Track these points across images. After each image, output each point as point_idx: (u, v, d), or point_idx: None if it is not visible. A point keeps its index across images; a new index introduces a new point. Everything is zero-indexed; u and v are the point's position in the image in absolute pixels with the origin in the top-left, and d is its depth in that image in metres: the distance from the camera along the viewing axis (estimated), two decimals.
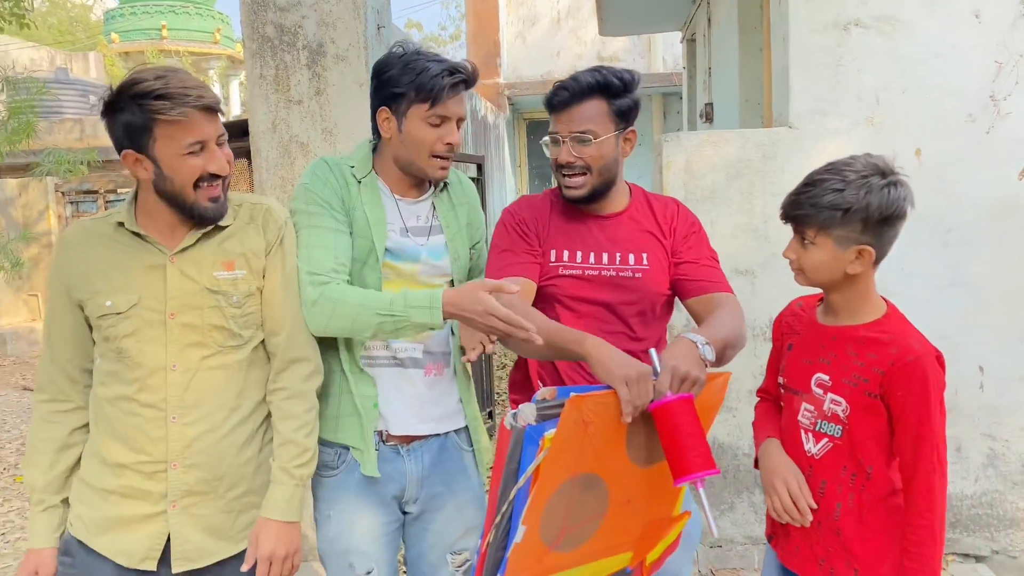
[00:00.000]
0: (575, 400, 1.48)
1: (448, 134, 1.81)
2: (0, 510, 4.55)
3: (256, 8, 3.16)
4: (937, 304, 3.14)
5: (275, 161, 3.22)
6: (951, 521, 3.22)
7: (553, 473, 1.51)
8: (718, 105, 5.96)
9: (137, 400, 1.62)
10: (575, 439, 1.52)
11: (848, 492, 1.62)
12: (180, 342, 1.63)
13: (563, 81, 1.84)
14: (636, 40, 12.41)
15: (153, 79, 1.53)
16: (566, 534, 1.59)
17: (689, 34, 7.34)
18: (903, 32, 3.06)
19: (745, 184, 3.16)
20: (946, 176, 3.10)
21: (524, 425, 1.52)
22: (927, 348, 1.56)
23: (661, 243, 1.93)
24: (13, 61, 15.07)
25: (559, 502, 1.55)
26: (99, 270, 1.63)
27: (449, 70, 1.76)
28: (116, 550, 1.61)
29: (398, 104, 1.79)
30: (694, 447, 1.52)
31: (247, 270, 1.69)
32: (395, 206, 1.87)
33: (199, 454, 1.63)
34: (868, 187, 1.54)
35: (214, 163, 1.60)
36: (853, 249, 1.56)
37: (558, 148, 1.84)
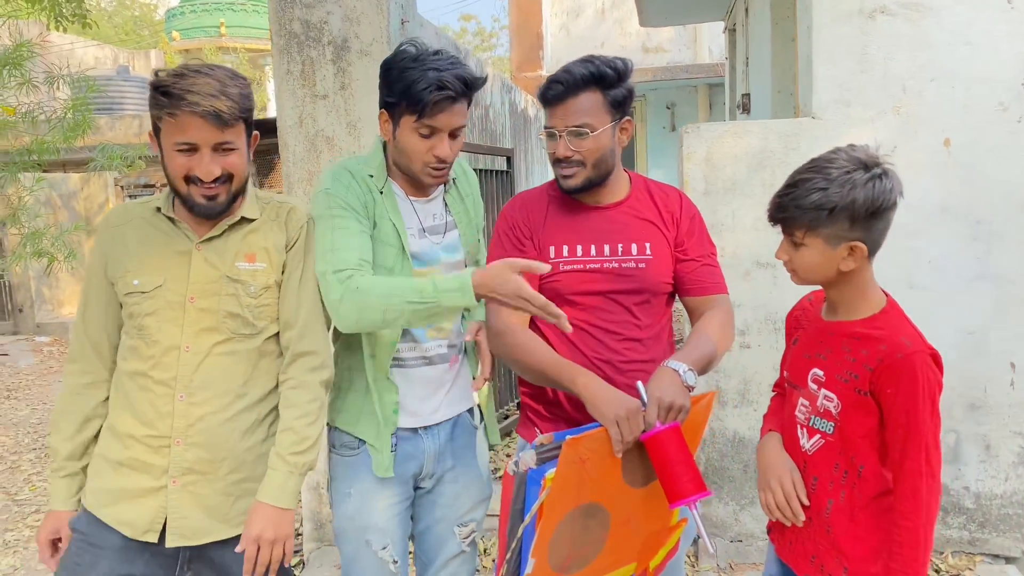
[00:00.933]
0: (571, 442, 1.59)
1: (438, 146, 1.78)
2: None
3: (283, 5, 3.24)
4: (966, 298, 3.06)
5: (302, 155, 3.30)
6: (980, 521, 3.14)
7: (556, 508, 1.61)
8: (755, 96, 5.87)
9: (151, 376, 1.71)
10: (574, 476, 1.61)
11: (839, 490, 1.60)
12: (196, 325, 1.71)
13: (556, 74, 1.83)
14: (682, 31, 12.25)
15: (171, 76, 1.61)
16: (572, 558, 1.68)
17: (730, 24, 7.24)
18: (931, 19, 2.98)
19: (768, 176, 3.13)
20: (976, 167, 3.02)
21: (526, 470, 1.64)
22: (919, 346, 1.53)
23: (663, 232, 1.93)
24: (79, 59, 15.65)
25: (564, 532, 1.64)
26: (132, 250, 1.74)
27: (438, 84, 1.72)
28: (121, 521, 1.70)
29: (392, 111, 1.80)
30: (685, 472, 1.62)
31: (267, 263, 1.76)
32: (411, 208, 1.89)
33: (201, 433, 1.70)
34: (852, 183, 1.50)
35: (200, 168, 1.65)
36: (844, 246, 1.54)
37: (555, 142, 1.84)
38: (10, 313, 10.27)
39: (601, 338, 1.86)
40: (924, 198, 3.05)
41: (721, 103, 11.16)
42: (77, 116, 5.56)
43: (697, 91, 12.65)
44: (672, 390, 1.64)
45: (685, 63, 12.21)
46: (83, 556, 1.71)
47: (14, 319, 10.17)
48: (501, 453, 4.54)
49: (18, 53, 4.83)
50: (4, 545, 3.96)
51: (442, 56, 1.77)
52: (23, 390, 7.20)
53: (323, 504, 3.44)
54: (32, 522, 4.23)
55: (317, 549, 3.45)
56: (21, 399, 6.88)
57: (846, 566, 1.60)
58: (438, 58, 1.76)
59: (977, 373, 3.09)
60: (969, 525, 3.16)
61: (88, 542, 1.72)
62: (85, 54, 17.00)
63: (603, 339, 1.86)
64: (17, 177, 5.64)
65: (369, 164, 1.89)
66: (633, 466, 1.70)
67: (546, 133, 1.87)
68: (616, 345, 1.86)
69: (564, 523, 1.63)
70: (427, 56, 1.76)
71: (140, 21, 27.52)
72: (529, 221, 1.93)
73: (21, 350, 8.87)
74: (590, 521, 1.68)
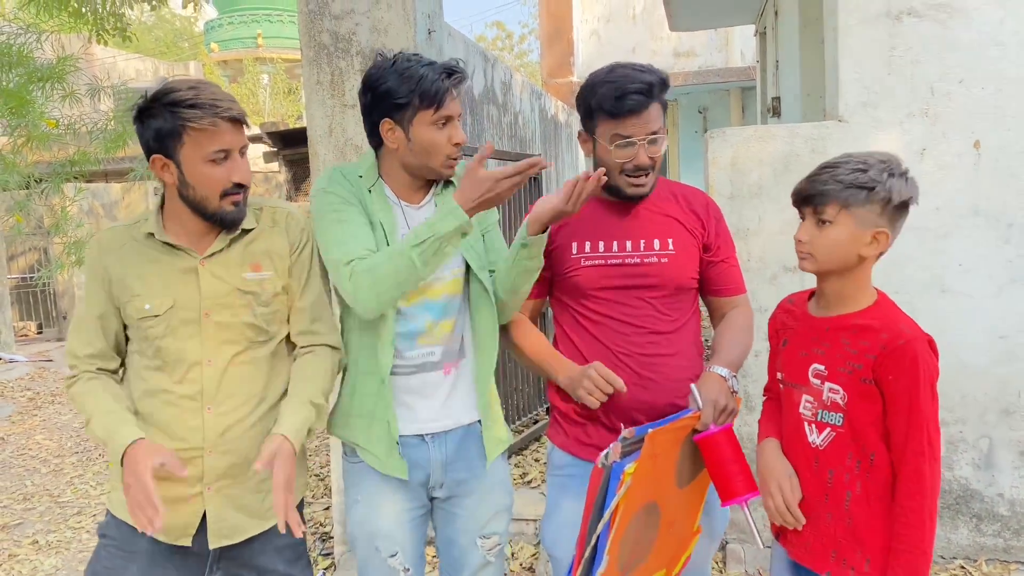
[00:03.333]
0: (653, 435, 1.65)
1: (455, 134, 1.83)
2: (93, 492, 4.90)
3: (313, 17, 3.31)
4: (999, 302, 3.01)
5: (332, 163, 3.37)
6: (1015, 528, 3.09)
7: (631, 504, 1.65)
8: (785, 99, 5.83)
9: (176, 392, 1.73)
10: (647, 473, 1.66)
11: (855, 480, 1.62)
12: (214, 339, 1.74)
13: (629, 85, 1.82)
14: (713, 35, 12.18)
15: (187, 89, 1.64)
16: (632, 558, 1.71)
17: (761, 27, 7.19)
18: (960, 20, 2.95)
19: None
20: (1007, 169, 2.97)
21: (612, 463, 1.66)
22: (917, 333, 1.58)
23: (688, 229, 1.97)
24: (121, 72, 16.05)
25: (632, 530, 1.67)
26: (135, 275, 1.73)
27: (446, 71, 1.79)
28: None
29: (402, 114, 1.80)
30: (739, 472, 1.70)
31: (273, 271, 1.79)
32: (401, 213, 1.90)
33: (231, 441, 1.74)
34: (890, 171, 1.58)
35: (238, 172, 1.69)
36: (871, 231, 1.58)
37: (632, 150, 1.86)
38: (55, 320, 10.55)
39: (624, 332, 1.91)
40: (954, 201, 3.01)
41: (754, 107, 11.08)
42: (118, 127, 5.72)
43: (729, 95, 12.58)
44: (724, 394, 1.78)
45: (717, 67, 12.14)
46: (114, 561, 1.75)
47: (58, 326, 10.45)
48: (529, 457, 4.56)
49: (61, 67, 4.98)
50: (47, 546, 4.08)
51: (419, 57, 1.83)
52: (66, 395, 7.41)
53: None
54: (73, 523, 4.36)
55: (348, 551, 3.50)
56: (65, 404, 7.07)
57: (868, 557, 1.60)
58: (418, 56, 1.83)
59: (1011, 378, 3.04)
60: (1004, 532, 3.10)
61: (118, 547, 1.75)
62: (127, 67, 17.44)
63: (626, 333, 1.91)
64: (61, 187, 5.81)
65: (359, 167, 1.92)
66: (682, 465, 1.77)
67: (619, 144, 1.86)
68: (639, 339, 1.91)
69: (633, 521, 1.66)
70: (408, 57, 1.82)
71: (180, 34, 28.13)
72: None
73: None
74: (649, 520, 1.72)
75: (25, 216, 6.45)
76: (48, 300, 10.57)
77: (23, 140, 5.21)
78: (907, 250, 3.03)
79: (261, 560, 1.81)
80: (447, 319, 1.90)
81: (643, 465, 1.62)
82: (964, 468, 3.11)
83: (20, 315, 10.70)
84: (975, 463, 3.10)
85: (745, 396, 3.23)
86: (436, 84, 1.77)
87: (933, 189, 3.02)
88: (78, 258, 5.83)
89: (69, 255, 5.77)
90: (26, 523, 4.41)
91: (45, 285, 9.92)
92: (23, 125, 5.14)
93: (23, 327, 10.55)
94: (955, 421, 3.09)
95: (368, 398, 1.87)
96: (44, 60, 5.14)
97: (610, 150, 1.88)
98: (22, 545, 4.10)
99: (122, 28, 6.46)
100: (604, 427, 1.93)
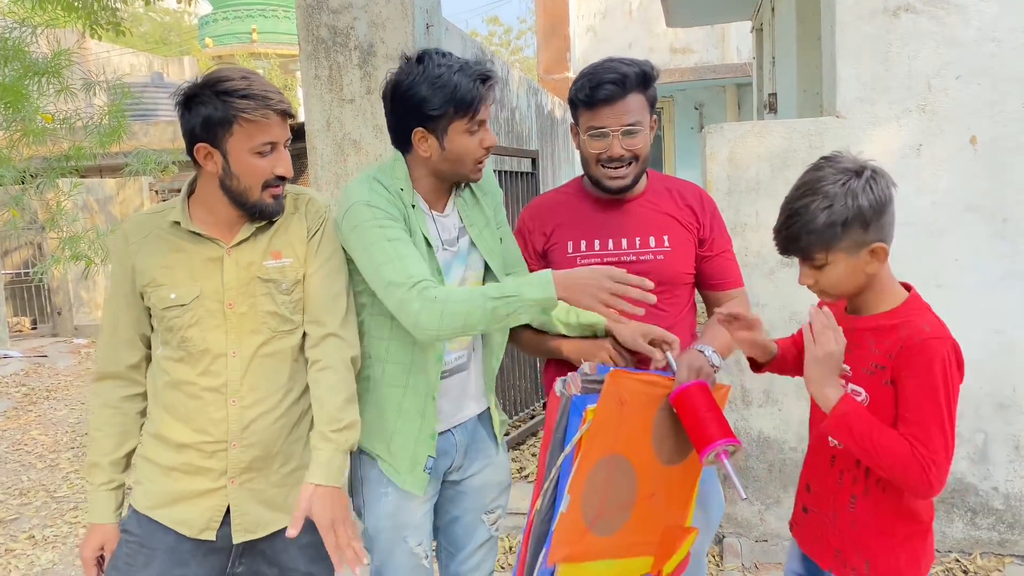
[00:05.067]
0: (614, 375, 1.64)
1: (486, 138, 1.79)
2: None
3: (311, 11, 3.31)
4: (994, 297, 3.03)
5: (329, 158, 3.37)
6: (1010, 522, 3.11)
7: (593, 447, 1.63)
8: (781, 95, 5.84)
9: (199, 384, 1.71)
10: (612, 417, 1.64)
11: (863, 484, 1.62)
12: (239, 330, 1.72)
13: (603, 75, 1.83)
14: (710, 31, 12.20)
15: (239, 79, 1.62)
16: (602, 516, 1.69)
17: (757, 23, 7.20)
18: (956, 15, 2.96)
19: (791, 175, 3.06)
20: (1003, 164, 2.99)
21: (571, 394, 1.65)
22: (939, 332, 1.53)
23: (684, 225, 1.97)
24: (115, 66, 15.98)
25: (598, 478, 1.66)
26: (160, 264, 1.71)
27: (481, 77, 1.74)
28: (178, 520, 1.71)
29: (435, 123, 1.75)
30: (714, 420, 1.66)
31: (293, 257, 1.76)
32: (433, 223, 1.87)
33: (256, 434, 1.72)
34: (852, 192, 1.51)
35: (282, 165, 1.68)
36: (865, 251, 1.54)
37: (606, 141, 1.86)
38: (49, 315, 10.52)
39: None
40: (950, 196, 3.03)
41: (750, 103, 11.10)
42: (113, 122, 5.70)
43: (725, 91, 12.59)
44: (699, 360, 1.76)
45: (713, 63, 12.16)
46: (135, 557, 1.73)
47: (53, 321, 10.42)
48: (527, 452, 4.57)
49: (56, 62, 4.96)
50: (44, 541, 4.08)
51: (448, 57, 1.77)
52: (62, 390, 7.38)
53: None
54: (70, 519, 4.35)
55: None
56: (60, 399, 7.06)
57: (868, 559, 1.61)
58: (447, 58, 1.76)
59: (1006, 372, 3.06)
60: (998, 526, 3.12)
61: (140, 543, 1.73)
62: (121, 61, 17.36)
63: None
64: (56, 182, 5.79)
65: (396, 177, 1.84)
66: (661, 436, 1.74)
67: (593, 133, 1.87)
68: None
69: (599, 468, 1.66)
70: (438, 62, 1.74)
71: (170, 29, 28.03)
72: (540, 227, 2.00)
73: (60, 352, 9.08)
74: (621, 478, 1.70)
75: (20, 211, 6.42)
76: (43, 296, 10.52)
77: (19, 135, 5.19)
78: (903, 245, 3.01)
79: (284, 557, 1.78)
80: None
81: (606, 406, 1.62)
82: (959, 462, 3.13)
83: (14, 310, 10.66)
84: (970, 457, 3.12)
85: (742, 392, 3.25)
86: (471, 93, 1.72)
87: (929, 185, 3.04)
88: (73, 253, 5.81)
89: (64, 250, 5.75)
90: (22, 518, 4.40)
91: (40, 280, 9.90)
92: (18, 120, 5.11)
93: (17, 322, 10.51)
94: None
95: (407, 415, 1.84)
96: (39, 54, 5.11)
97: (585, 140, 1.89)
98: (18, 540, 4.09)
99: (115, 22, 6.44)
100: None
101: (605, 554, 1.72)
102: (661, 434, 1.74)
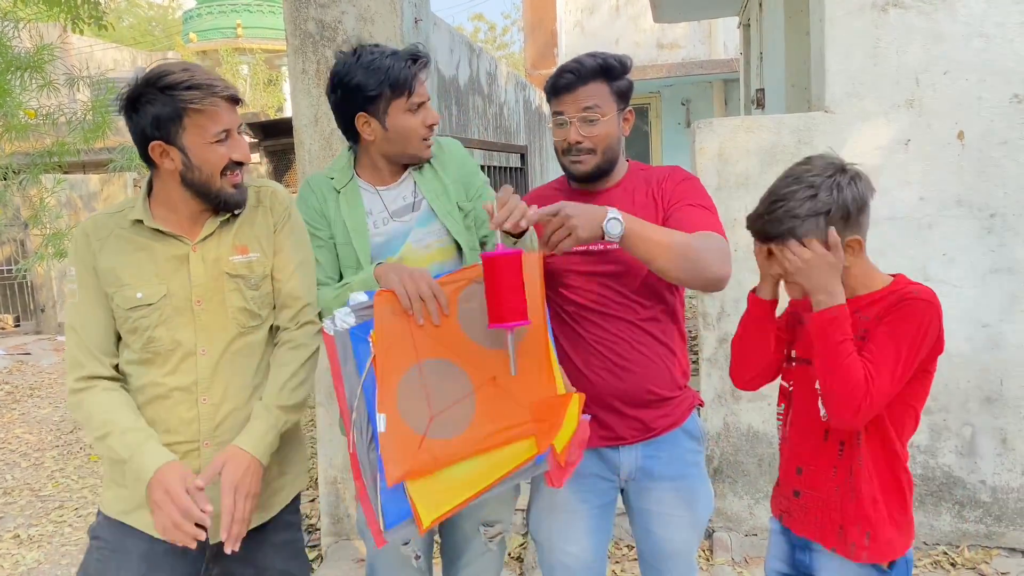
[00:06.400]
0: (381, 294, 1.68)
1: (428, 116, 1.90)
2: (75, 486, 4.86)
3: (298, 5, 3.28)
4: (981, 291, 3.05)
5: (317, 153, 3.34)
6: (997, 515, 3.13)
7: (392, 362, 1.63)
8: (769, 91, 5.85)
9: (167, 384, 1.68)
10: (400, 329, 1.66)
11: (857, 452, 1.64)
12: (208, 328, 1.69)
13: (566, 64, 1.90)
14: (696, 27, 12.21)
15: (181, 71, 1.60)
16: (436, 420, 1.65)
17: (745, 19, 7.21)
18: (944, 11, 2.97)
19: (780, 170, 3.05)
20: (990, 159, 3.01)
21: (345, 328, 1.66)
22: (929, 297, 1.57)
23: (649, 210, 1.91)
24: (98, 61, 15.81)
25: (413, 390, 1.64)
26: (124, 263, 1.68)
27: (411, 57, 1.86)
28: (150, 524, 1.64)
29: (375, 106, 1.86)
30: (512, 299, 1.59)
31: (260, 252, 1.75)
32: (378, 199, 1.96)
33: (227, 432, 1.69)
34: (838, 186, 1.55)
35: (238, 150, 1.66)
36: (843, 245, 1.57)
37: (565, 129, 1.88)
38: (32, 313, 10.41)
39: (595, 320, 1.90)
40: (938, 191, 3.04)
41: (736, 99, 11.12)
42: (97, 118, 5.63)
43: (712, 87, 12.61)
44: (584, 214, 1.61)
45: (700, 59, 12.16)
46: (107, 563, 1.69)
47: (36, 319, 10.31)
48: None
49: (39, 57, 4.90)
50: (29, 540, 4.04)
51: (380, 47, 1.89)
52: (45, 388, 7.30)
53: (340, 499, 3.48)
54: (55, 518, 4.31)
55: (335, 543, 3.49)
56: (44, 397, 6.99)
57: (868, 531, 1.62)
58: (379, 47, 1.88)
59: (993, 366, 3.08)
60: (986, 519, 3.15)
61: (112, 549, 1.70)
62: (104, 56, 17.16)
63: (599, 321, 1.90)
64: (39, 179, 5.72)
65: (332, 169, 2.00)
66: (478, 324, 1.70)
67: (555, 121, 1.91)
68: (611, 327, 1.89)
69: (408, 379, 1.64)
70: (370, 49, 1.87)
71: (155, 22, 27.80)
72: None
73: (43, 349, 8.99)
74: (444, 380, 1.68)
75: (2, 207, 6.35)
76: (26, 293, 10.41)
77: (1, 131, 5.12)
78: (891, 240, 3.06)
79: (258, 556, 1.76)
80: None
81: (387, 324, 1.64)
82: (947, 456, 3.15)
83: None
84: (958, 451, 3.14)
85: (731, 387, 3.25)
86: (404, 72, 1.84)
87: (917, 179, 3.05)
88: (57, 250, 5.75)
89: (47, 247, 5.69)
90: (7, 517, 4.36)
91: (23, 278, 9.79)
92: (0, 115, 5.05)
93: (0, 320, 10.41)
94: (938, 409, 3.13)
95: None
96: (21, 49, 5.05)
97: (551, 130, 1.94)
98: (3, 539, 4.05)
99: (98, 16, 6.36)
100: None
101: (459, 455, 1.65)
102: (472, 322, 1.71)
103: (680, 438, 1.96)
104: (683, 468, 1.96)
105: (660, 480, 1.95)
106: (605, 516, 2.01)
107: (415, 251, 1.93)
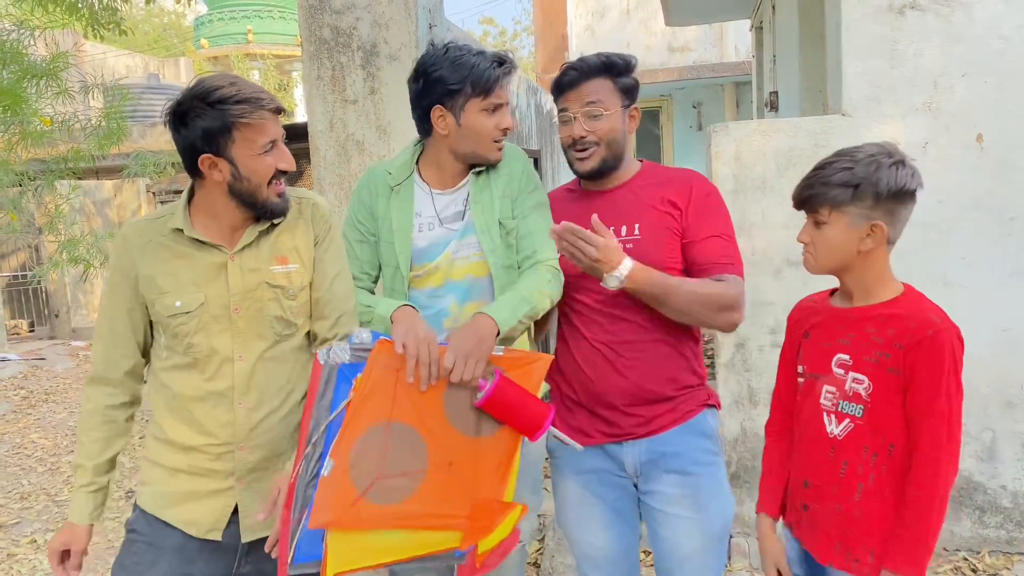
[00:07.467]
0: (383, 343, 1.64)
1: (503, 120, 1.91)
2: None
3: (313, 12, 3.29)
4: (1001, 295, 3.03)
5: (332, 159, 3.35)
6: (1018, 520, 3.10)
7: (364, 413, 1.62)
8: (783, 94, 5.83)
9: (205, 388, 1.72)
10: (385, 383, 1.64)
11: (869, 472, 1.61)
12: (244, 334, 1.73)
13: (571, 63, 1.93)
14: (707, 30, 12.18)
15: (228, 85, 1.63)
16: (379, 483, 1.63)
17: (757, 22, 7.19)
18: (962, 13, 2.95)
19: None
20: (1010, 162, 2.98)
21: (337, 363, 1.65)
22: (947, 324, 1.57)
23: (662, 212, 1.90)
24: (112, 68, 15.94)
25: (371, 446, 1.62)
26: (163, 271, 1.72)
27: (497, 60, 1.88)
28: (185, 520, 1.73)
29: (453, 100, 1.87)
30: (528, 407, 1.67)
31: (299, 263, 1.77)
32: (430, 201, 1.96)
33: (262, 435, 1.74)
34: (877, 164, 1.57)
35: (284, 160, 1.70)
36: (866, 226, 1.58)
37: (570, 125, 1.92)
38: (47, 318, 10.48)
39: (598, 320, 1.91)
40: (957, 194, 3.02)
41: (748, 101, 11.09)
42: (111, 124, 5.67)
43: (724, 90, 12.56)
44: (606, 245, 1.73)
45: (711, 62, 12.12)
46: (143, 556, 1.73)
47: (51, 324, 10.38)
48: None
49: (55, 64, 4.94)
50: (46, 545, 4.05)
51: (468, 46, 1.92)
52: (60, 393, 7.34)
53: None
54: None
55: None
56: (59, 402, 7.03)
57: (873, 549, 1.60)
58: (469, 47, 1.91)
59: (1013, 371, 3.05)
60: (1007, 524, 3.12)
61: (147, 542, 1.74)
62: (117, 63, 17.30)
63: (601, 321, 1.91)
64: (54, 185, 5.77)
65: (392, 163, 2.02)
66: (461, 407, 1.70)
67: (561, 119, 1.94)
68: (613, 327, 1.90)
69: (371, 435, 1.62)
70: (460, 47, 1.90)
71: (168, 28, 27.97)
72: None
73: (58, 354, 9.04)
74: (403, 446, 1.64)
75: (17, 214, 6.40)
76: (40, 298, 10.49)
77: (17, 138, 5.16)
78: (910, 244, 3.01)
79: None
80: (472, 302, 1.92)
81: (377, 373, 1.63)
82: (967, 460, 3.12)
83: (12, 313, 10.62)
84: (978, 455, 3.11)
85: (749, 391, 3.24)
86: (488, 72, 1.86)
87: (936, 183, 3.03)
88: (71, 256, 5.79)
89: (62, 253, 5.73)
90: (24, 522, 4.38)
91: (38, 283, 9.85)
92: (17, 123, 5.09)
93: (15, 325, 10.47)
94: None
95: None
96: (37, 56, 5.09)
97: (558, 127, 1.98)
98: (20, 544, 4.07)
99: (116, 22, 6.41)
100: (585, 411, 1.95)
101: (386, 523, 1.63)
102: (460, 405, 1.69)
103: (687, 435, 1.93)
104: (689, 465, 1.92)
105: (664, 474, 1.91)
106: (623, 511, 1.99)
107: (452, 261, 1.94)
